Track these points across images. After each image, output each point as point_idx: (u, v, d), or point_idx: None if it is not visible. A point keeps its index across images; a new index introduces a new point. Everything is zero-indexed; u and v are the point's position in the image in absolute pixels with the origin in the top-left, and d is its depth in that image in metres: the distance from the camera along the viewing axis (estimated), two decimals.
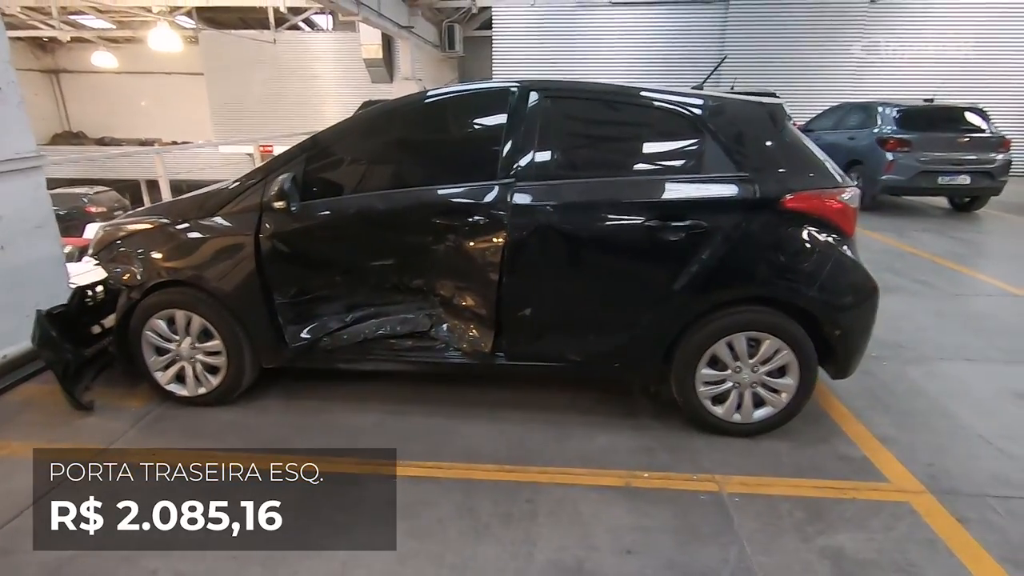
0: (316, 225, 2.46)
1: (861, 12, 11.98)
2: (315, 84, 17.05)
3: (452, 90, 2.56)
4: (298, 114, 16.54)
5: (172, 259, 2.57)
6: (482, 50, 16.60)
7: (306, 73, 16.97)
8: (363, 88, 16.35)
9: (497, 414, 2.69)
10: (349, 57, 16.58)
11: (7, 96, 2.96)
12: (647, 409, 2.75)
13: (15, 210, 3.08)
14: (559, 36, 12.80)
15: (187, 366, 2.67)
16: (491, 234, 2.34)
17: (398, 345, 2.61)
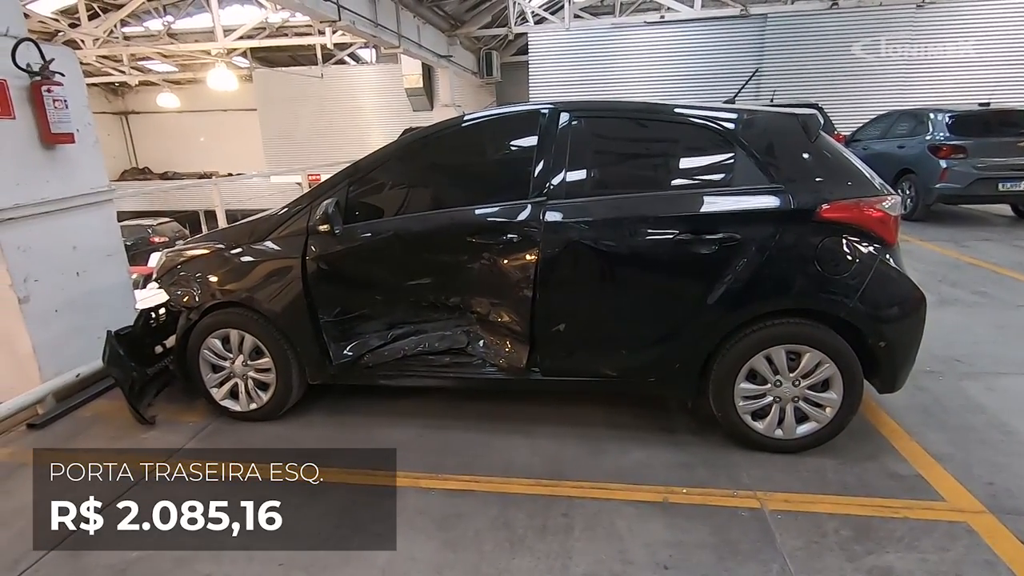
0: (358, 247, 2.58)
1: (908, 17, 11.62)
2: (360, 114, 17.77)
3: (485, 114, 2.67)
4: (344, 144, 17.22)
5: (226, 282, 2.74)
6: (519, 75, 16.96)
7: (351, 105, 17.72)
8: (405, 116, 16.90)
9: (532, 429, 2.72)
10: (391, 87, 17.22)
11: (84, 137, 3.26)
12: (684, 424, 2.71)
13: (90, 240, 3.36)
14: (595, 57, 12.94)
15: (240, 382, 2.82)
16: (524, 251, 2.40)
17: (436, 361, 2.69)
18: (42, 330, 3.07)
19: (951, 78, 11.60)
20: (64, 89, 3.07)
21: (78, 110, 3.21)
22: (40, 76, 2.98)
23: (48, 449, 2.70)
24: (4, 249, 2.88)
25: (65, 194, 3.18)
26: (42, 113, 3.01)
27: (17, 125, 2.94)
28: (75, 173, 3.25)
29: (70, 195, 3.21)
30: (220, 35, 13.89)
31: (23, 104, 2.96)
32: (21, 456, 2.64)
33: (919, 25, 11.66)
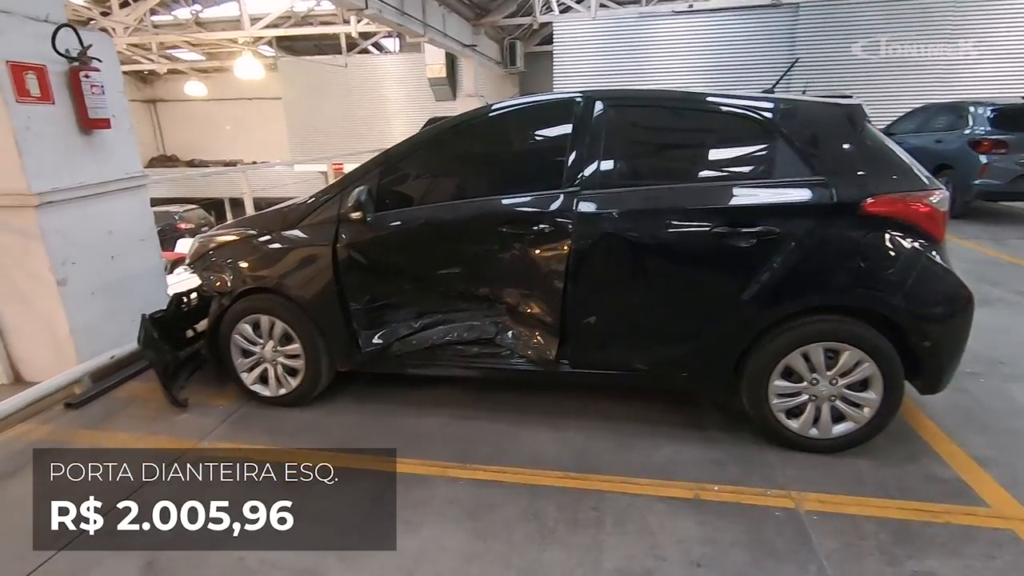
0: (388, 235, 2.58)
1: (945, 8, 11.20)
2: (383, 104, 17.81)
3: (517, 102, 2.63)
4: (367, 133, 17.31)
5: (258, 268, 2.76)
6: (542, 65, 16.81)
7: (374, 94, 17.75)
8: (427, 106, 16.90)
9: (560, 421, 2.70)
10: (414, 77, 17.22)
11: (120, 123, 3.30)
12: (715, 421, 2.67)
13: (124, 224, 3.41)
14: (621, 47, 12.74)
15: (270, 368, 2.85)
16: (556, 242, 2.37)
17: (465, 351, 2.68)
18: (79, 312, 3.13)
19: (990, 71, 11.17)
20: (101, 75, 3.11)
21: (114, 96, 3.25)
22: (78, 62, 3.02)
23: (87, 429, 2.77)
24: (44, 232, 2.94)
25: (101, 179, 3.23)
26: (80, 99, 3.05)
27: (56, 111, 2.99)
28: (111, 158, 3.29)
29: (106, 180, 3.26)
30: (247, 23, 14.01)
31: (62, 90, 3.00)
32: (61, 434, 2.71)
33: (956, 16, 11.23)
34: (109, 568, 1.91)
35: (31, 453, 2.55)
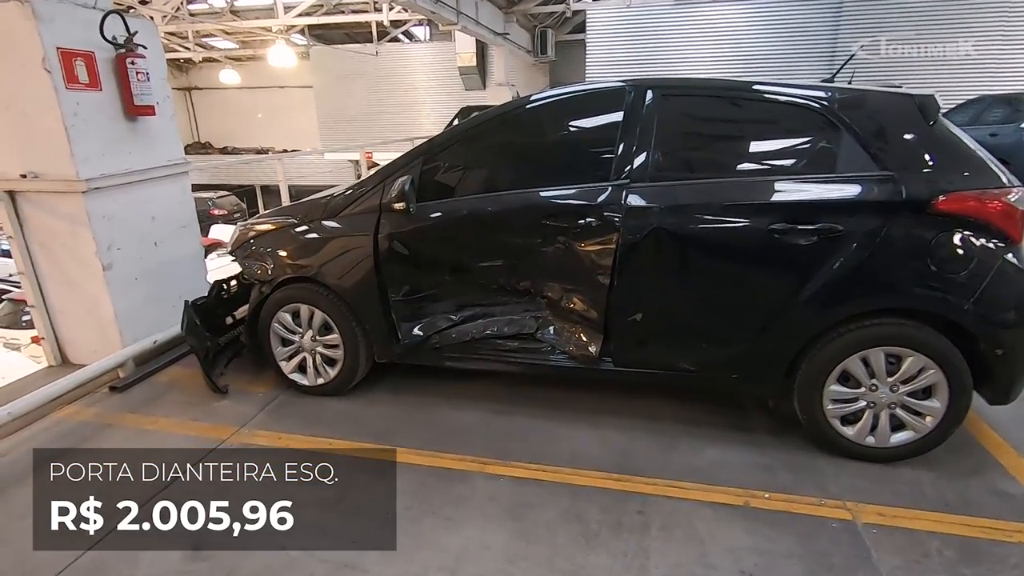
0: (430, 226, 2.53)
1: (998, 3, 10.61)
2: (412, 93, 17.79)
3: (564, 91, 2.54)
4: (396, 122, 17.34)
5: (298, 257, 2.75)
6: (573, 54, 16.57)
7: (404, 83, 17.74)
8: (457, 95, 16.85)
9: (599, 420, 2.64)
10: (444, 66, 17.16)
11: (163, 110, 3.33)
12: (762, 424, 2.58)
13: (166, 211, 3.45)
14: (656, 36, 12.44)
15: (308, 357, 2.85)
16: (603, 236, 2.30)
17: (504, 346, 2.63)
18: (123, 297, 3.18)
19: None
20: (147, 61, 3.13)
21: (158, 83, 3.27)
22: (125, 48, 3.04)
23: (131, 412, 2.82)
24: (90, 218, 2.98)
25: (145, 165, 3.27)
26: (126, 85, 3.07)
27: (103, 97, 3.02)
28: (155, 145, 3.33)
29: (150, 166, 3.30)
30: (280, 12, 14.13)
31: (108, 76, 3.03)
32: (107, 416, 2.76)
33: (1012, 12, 10.62)
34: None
35: (80, 432, 2.62)
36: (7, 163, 2.98)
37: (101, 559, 1.89)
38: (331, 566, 1.87)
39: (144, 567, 1.87)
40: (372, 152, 15.87)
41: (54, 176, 2.92)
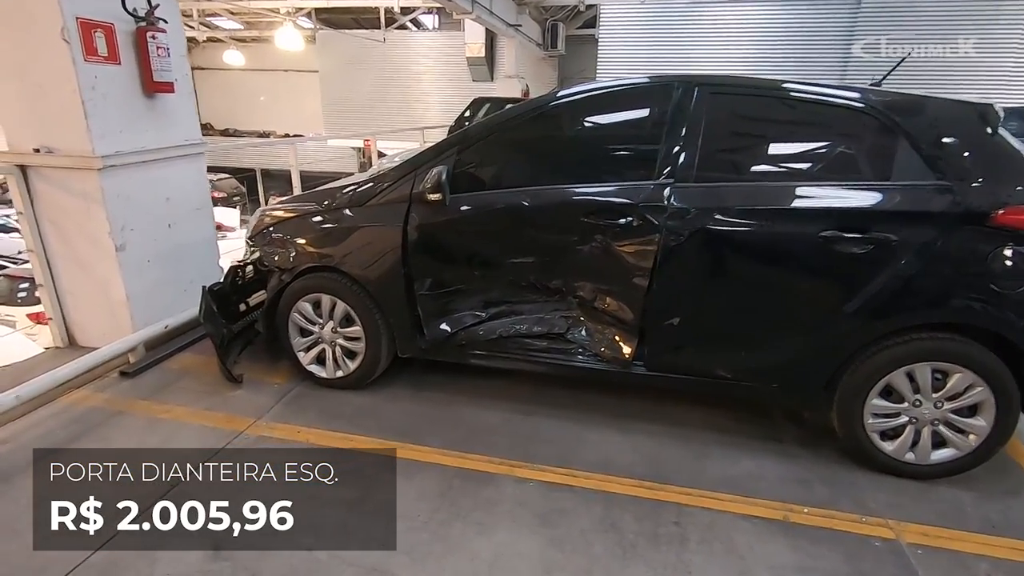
0: (462, 219, 2.44)
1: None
2: (418, 82, 17.61)
3: (609, 85, 2.45)
4: (400, 111, 17.17)
5: (321, 245, 2.66)
6: (582, 49, 16.44)
7: (410, 72, 17.56)
8: (463, 86, 16.70)
9: (627, 424, 2.57)
10: (451, 56, 16.98)
11: (182, 87, 3.21)
12: (792, 434, 2.52)
13: (181, 192, 3.34)
14: (670, 34, 12.32)
15: (328, 349, 2.76)
16: (643, 236, 2.22)
17: (532, 345, 2.56)
18: (135, 279, 3.08)
19: None
20: (167, 36, 3.02)
21: (178, 59, 3.16)
22: (146, 22, 2.93)
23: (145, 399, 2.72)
24: (105, 196, 2.88)
25: (162, 144, 3.16)
26: (145, 60, 2.96)
27: (122, 72, 2.91)
28: (172, 123, 3.22)
29: (166, 145, 3.19)
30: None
31: (128, 50, 2.92)
32: (118, 403, 2.67)
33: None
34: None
35: (91, 419, 2.53)
36: (19, 136, 2.87)
37: (118, 557, 1.81)
38: (358, 570, 1.79)
39: (162, 567, 1.79)
40: (373, 140, 15.76)
41: (69, 152, 2.82)
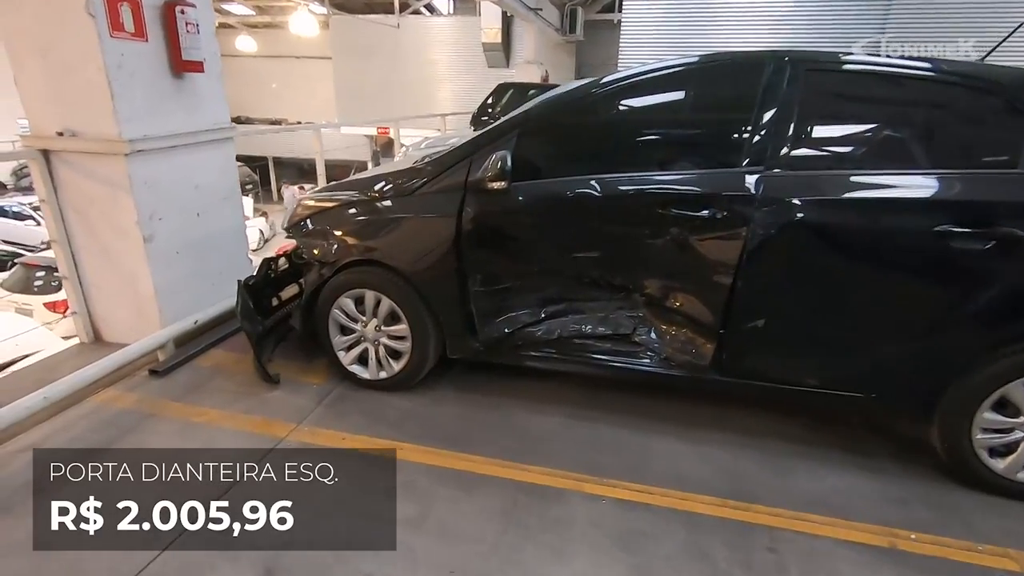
0: (523, 209, 2.24)
1: None
2: (432, 68, 17.34)
3: (690, 62, 2.20)
4: (414, 98, 16.92)
5: (367, 238, 2.47)
6: (600, 35, 16.08)
7: (423, 58, 17.28)
8: (479, 73, 16.43)
9: (693, 434, 2.37)
10: (466, 42, 16.70)
11: (211, 67, 3.01)
12: (876, 445, 2.31)
13: (210, 180, 3.16)
14: (697, 18, 11.94)
15: (370, 348, 2.58)
16: (729, 230, 2.01)
17: (595, 347, 2.36)
18: (164, 272, 2.90)
19: None
20: (197, 12, 2.82)
21: (207, 37, 2.96)
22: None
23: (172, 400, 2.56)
24: (132, 183, 2.69)
25: (191, 128, 2.97)
26: (174, 37, 2.76)
27: (149, 49, 2.71)
28: (201, 106, 3.02)
29: (195, 130, 3.00)
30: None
31: (155, 26, 2.72)
32: (149, 404, 2.50)
33: None
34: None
35: (123, 422, 2.36)
36: (42, 119, 2.68)
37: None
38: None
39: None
40: (395, 127, 15.56)
41: (94, 135, 2.63)
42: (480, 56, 16.23)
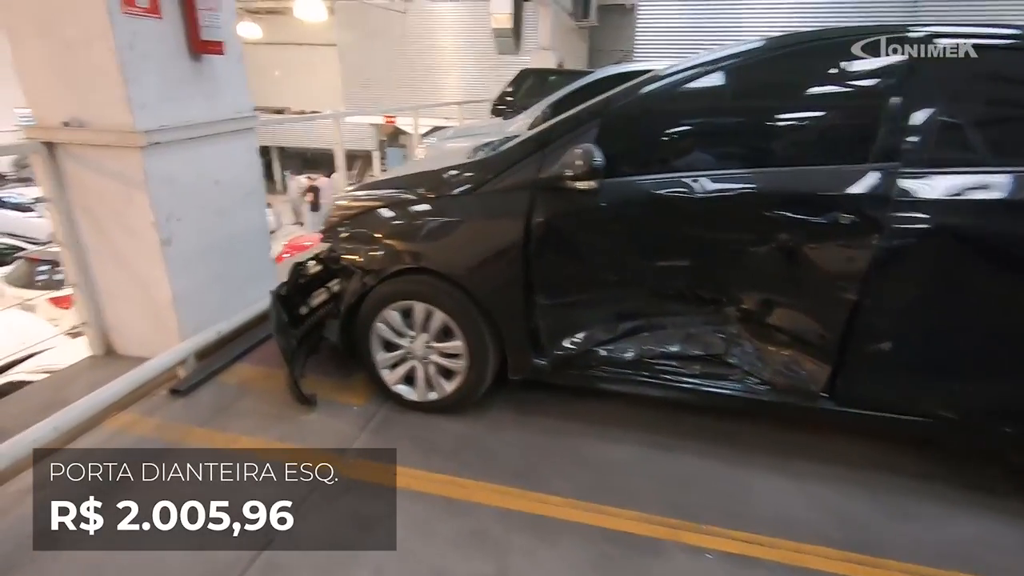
0: (604, 210, 1.93)
1: None
2: (439, 55, 16.92)
3: (805, 38, 1.87)
4: (421, 86, 16.56)
5: (417, 243, 2.17)
6: (613, 20, 15.65)
7: (430, 45, 16.87)
8: (488, 60, 16.02)
9: (790, 466, 2.09)
10: (475, 27, 16.27)
11: (231, 48, 2.70)
12: (999, 481, 2.02)
13: (232, 175, 2.85)
14: (717, 1, 11.51)
15: (419, 367, 2.29)
16: (855, 237, 1.71)
17: (681, 369, 2.07)
18: (182, 278, 2.61)
19: None
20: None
21: (228, 15, 2.65)
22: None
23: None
24: (148, 179, 2.39)
25: (211, 117, 2.66)
26: (191, 13, 2.45)
27: (164, 28, 2.40)
28: (221, 92, 2.71)
29: (216, 119, 2.69)
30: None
31: (170, 1, 2.40)
32: (173, 431, 2.21)
33: None
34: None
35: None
36: (46, 107, 2.37)
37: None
38: None
39: None
40: (395, 117, 15.14)
41: (104, 125, 2.32)
42: (490, 42, 15.80)
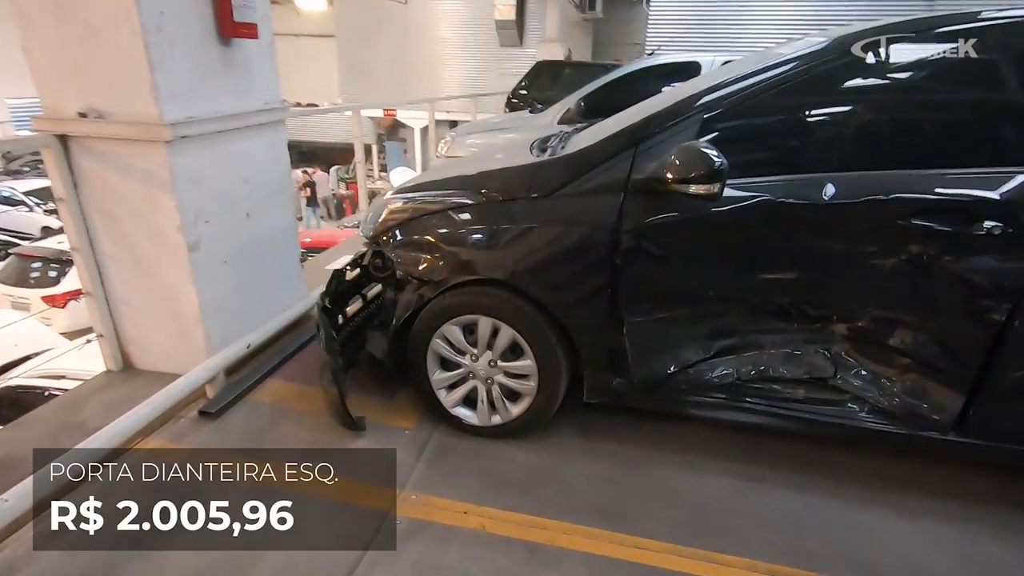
0: (708, 216, 1.70)
1: None
2: (441, 47, 16.60)
3: (948, 19, 1.64)
4: (420, 78, 16.24)
5: (483, 251, 1.93)
6: (618, 13, 15.37)
7: (431, 36, 16.54)
8: (491, 53, 15.75)
9: (902, 502, 1.88)
10: (477, 19, 15.95)
11: (264, 32, 2.44)
12: None
13: (260, 172, 2.59)
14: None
15: (481, 387, 2.06)
16: (1008, 250, 1.49)
17: (783, 393, 1.85)
18: (210, 286, 2.35)
19: None
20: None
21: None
22: None
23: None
24: (175, 177, 2.13)
25: (241, 109, 2.40)
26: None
27: (191, 8, 2.13)
28: (251, 81, 2.45)
29: (246, 111, 2.43)
30: None
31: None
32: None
33: None
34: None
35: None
36: (59, 96, 2.11)
37: None
38: None
39: None
40: (395, 110, 14.82)
41: (126, 117, 2.06)
42: (493, 34, 15.52)
